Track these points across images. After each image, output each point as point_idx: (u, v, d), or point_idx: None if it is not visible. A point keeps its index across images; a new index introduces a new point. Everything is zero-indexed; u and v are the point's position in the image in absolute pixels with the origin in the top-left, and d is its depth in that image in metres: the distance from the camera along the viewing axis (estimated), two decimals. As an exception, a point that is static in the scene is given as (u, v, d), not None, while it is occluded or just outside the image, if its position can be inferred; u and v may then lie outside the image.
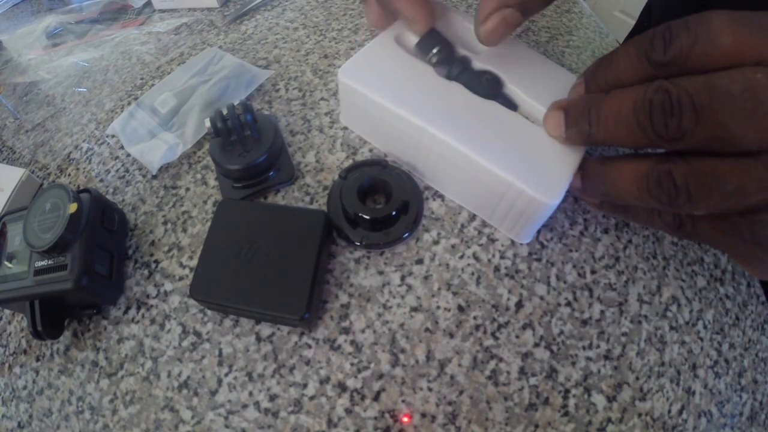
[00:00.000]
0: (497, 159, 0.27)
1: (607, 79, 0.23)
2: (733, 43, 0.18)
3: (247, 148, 0.33)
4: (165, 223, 0.34)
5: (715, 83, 0.18)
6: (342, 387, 0.27)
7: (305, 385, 0.27)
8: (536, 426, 0.26)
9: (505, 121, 0.28)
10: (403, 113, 0.29)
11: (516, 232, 0.30)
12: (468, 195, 0.31)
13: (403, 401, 0.26)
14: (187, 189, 0.35)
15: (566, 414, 0.26)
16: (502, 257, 0.30)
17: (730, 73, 0.18)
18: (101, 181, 0.37)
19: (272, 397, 0.27)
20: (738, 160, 0.18)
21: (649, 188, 0.20)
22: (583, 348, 0.28)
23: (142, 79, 0.45)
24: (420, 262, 0.30)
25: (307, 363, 0.28)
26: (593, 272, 0.30)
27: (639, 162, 0.21)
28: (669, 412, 0.27)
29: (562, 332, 0.28)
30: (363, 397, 0.27)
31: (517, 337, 0.28)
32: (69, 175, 0.39)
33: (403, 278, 0.30)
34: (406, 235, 0.30)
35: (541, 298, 0.29)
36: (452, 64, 0.30)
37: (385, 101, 0.30)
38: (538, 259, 0.30)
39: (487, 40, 0.27)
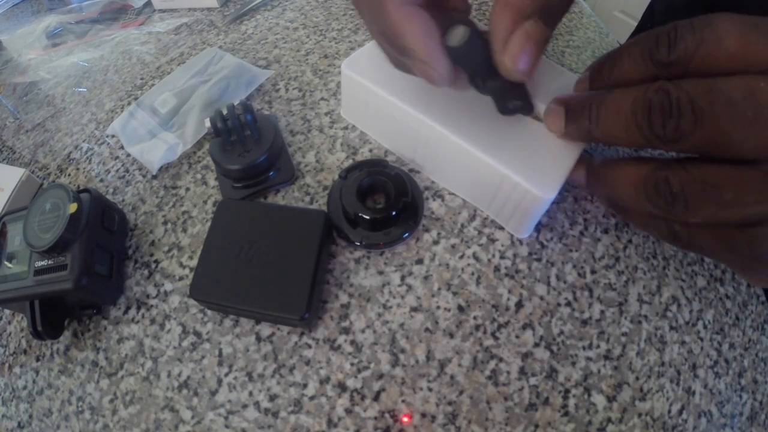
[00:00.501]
0: (494, 151, 0.27)
1: (610, 76, 0.22)
2: (738, 48, 0.18)
3: (247, 148, 0.33)
4: (165, 223, 0.34)
5: (716, 87, 0.17)
6: (342, 387, 0.27)
7: (305, 385, 0.27)
8: (536, 426, 0.26)
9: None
10: (403, 105, 0.29)
11: (513, 226, 0.30)
12: (466, 187, 0.31)
13: (403, 401, 0.26)
14: (187, 189, 0.35)
15: (566, 414, 0.26)
16: (502, 257, 0.30)
17: (733, 79, 0.17)
18: (101, 181, 0.37)
19: (272, 397, 0.27)
20: (736, 169, 0.18)
21: (647, 193, 0.20)
22: (583, 348, 0.28)
23: (142, 79, 0.45)
24: (420, 262, 0.30)
25: (307, 363, 0.28)
26: (593, 272, 0.30)
27: (639, 166, 0.21)
28: (669, 412, 0.27)
29: (562, 332, 0.28)
30: (363, 397, 0.27)
31: (517, 337, 0.28)
32: (69, 175, 0.39)
33: (403, 278, 0.30)
34: (406, 235, 0.30)
35: (541, 298, 0.29)
36: (490, 82, 0.25)
37: (385, 93, 0.30)
38: (538, 259, 0.30)
39: (517, 69, 0.22)
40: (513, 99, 0.26)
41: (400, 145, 0.33)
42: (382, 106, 0.31)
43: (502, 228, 0.31)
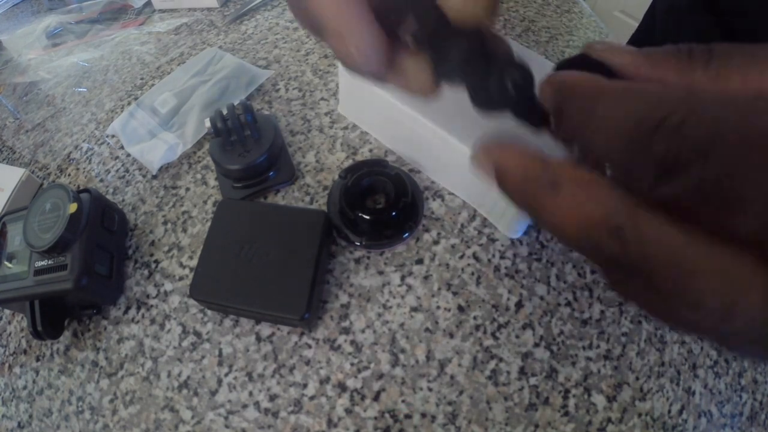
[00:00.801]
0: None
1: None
2: None
3: (247, 148, 0.33)
4: (165, 223, 0.34)
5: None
6: (342, 387, 0.27)
7: (305, 385, 0.27)
8: (536, 426, 0.26)
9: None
10: (399, 104, 0.29)
11: (504, 224, 0.30)
12: (459, 184, 0.31)
13: (403, 401, 0.26)
14: (187, 189, 0.35)
15: (566, 414, 0.26)
16: (502, 257, 0.30)
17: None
18: (101, 181, 0.37)
19: (272, 397, 0.27)
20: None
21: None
22: (583, 348, 0.28)
23: (142, 79, 0.45)
24: (420, 262, 0.30)
25: (307, 363, 0.28)
26: (593, 272, 0.30)
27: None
28: (669, 412, 0.27)
29: (562, 332, 0.28)
30: (363, 397, 0.27)
31: (517, 337, 0.28)
32: (69, 175, 0.39)
33: (403, 278, 0.30)
34: (406, 235, 0.30)
35: (541, 298, 0.29)
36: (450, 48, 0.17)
37: (383, 91, 0.30)
38: (538, 259, 0.30)
39: (468, 6, 0.16)
40: (501, 80, 0.17)
41: (397, 142, 0.34)
42: (379, 103, 0.31)
43: (502, 228, 0.31)
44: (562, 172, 0.14)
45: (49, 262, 0.28)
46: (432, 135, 0.29)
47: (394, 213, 0.30)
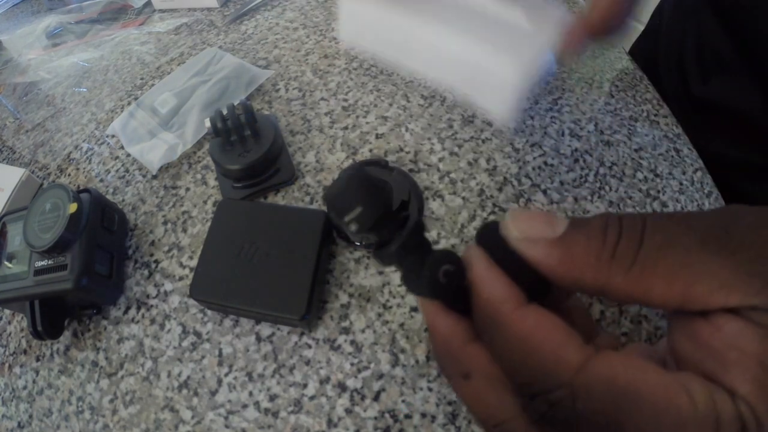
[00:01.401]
0: (475, 36, 0.28)
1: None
2: None
3: (247, 148, 0.33)
4: (165, 223, 0.34)
5: None
6: (342, 387, 0.27)
7: (305, 385, 0.27)
8: (536, 426, 0.26)
9: (484, 9, 0.29)
10: (400, 15, 0.30)
11: (495, 107, 0.30)
12: (453, 72, 0.32)
13: (403, 401, 0.26)
14: (187, 189, 0.35)
15: (566, 414, 0.26)
16: (502, 257, 0.30)
17: None
18: (101, 181, 0.37)
19: (272, 397, 0.27)
20: None
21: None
22: (583, 348, 0.28)
23: (142, 79, 0.45)
24: (420, 262, 0.30)
25: (307, 363, 0.28)
26: (593, 272, 0.30)
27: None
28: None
29: (562, 332, 0.28)
30: (363, 397, 0.27)
31: (517, 337, 0.28)
32: (69, 175, 0.39)
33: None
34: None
35: (541, 298, 0.29)
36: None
37: (383, 6, 0.30)
38: (538, 259, 0.30)
39: None
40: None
41: (398, 52, 0.34)
42: (380, 18, 0.31)
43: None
44: (475, 365, 0.16)
45: (49, 262, 0.28)
46: (432, 32, 0.29)
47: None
